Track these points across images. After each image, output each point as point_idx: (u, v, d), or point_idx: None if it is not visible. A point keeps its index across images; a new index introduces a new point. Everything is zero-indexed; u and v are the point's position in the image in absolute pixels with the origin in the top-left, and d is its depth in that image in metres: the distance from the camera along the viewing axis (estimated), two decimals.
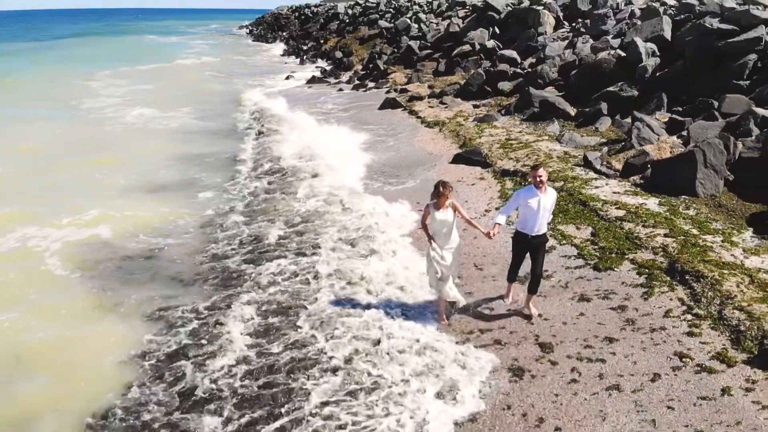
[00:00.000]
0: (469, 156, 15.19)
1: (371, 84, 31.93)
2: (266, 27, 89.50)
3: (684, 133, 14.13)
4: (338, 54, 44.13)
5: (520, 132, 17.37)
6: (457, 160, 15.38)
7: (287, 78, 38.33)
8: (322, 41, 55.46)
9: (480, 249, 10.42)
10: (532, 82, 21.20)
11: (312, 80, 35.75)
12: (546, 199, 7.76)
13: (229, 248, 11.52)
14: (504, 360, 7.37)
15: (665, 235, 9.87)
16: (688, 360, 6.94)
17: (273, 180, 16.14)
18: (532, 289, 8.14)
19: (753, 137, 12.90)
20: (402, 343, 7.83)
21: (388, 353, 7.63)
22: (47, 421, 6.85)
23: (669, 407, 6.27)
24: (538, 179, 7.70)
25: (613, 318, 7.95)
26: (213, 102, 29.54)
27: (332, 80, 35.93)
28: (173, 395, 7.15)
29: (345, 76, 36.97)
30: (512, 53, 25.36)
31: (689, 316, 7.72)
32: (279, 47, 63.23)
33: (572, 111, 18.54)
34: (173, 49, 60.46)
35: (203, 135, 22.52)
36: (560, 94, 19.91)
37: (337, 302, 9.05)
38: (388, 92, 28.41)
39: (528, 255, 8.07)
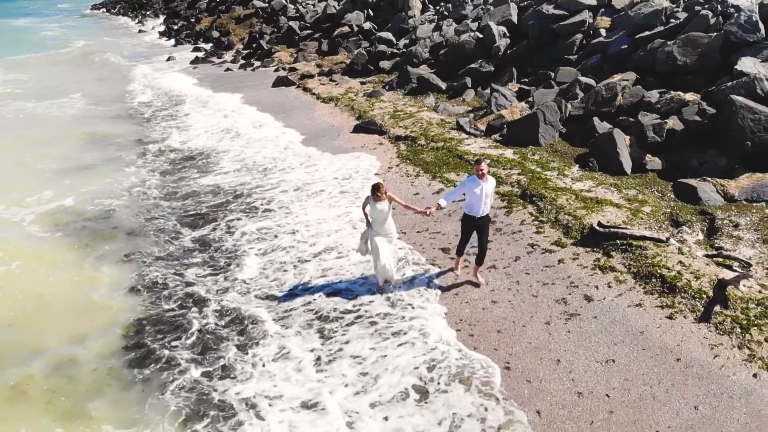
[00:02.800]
0: (367, 126, 18.30)
1: (257, 63, 33.77)
2: (125, 6, 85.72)
3: (530, 99, 18.17)
4: (215, 34, 44.92)
5: (404, 104, 20.75)
6: (357, 130, 18.44)
7: (168, 60, 38.82)
8: (193, 20, 55.40)
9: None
10: (409, 61, 24.62)
11: (196, 61, 36.71)
12: (487, 187, 9.13)
13: (168, 210, 13.94)
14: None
15: (519, 174, 13.67)
16: (537, 247, 10.64)
17: (182, 157, 18.06)
18: (479, 261, 9.68)
19: (578, 99, 17.10)
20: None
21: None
22: (91, 336, 9.09)
23: (526, 273, 9.89)
24: (480, 172, 9.02)
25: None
26: (102, 88, 29.67)
27: (216, 60, 37.11)
28: (172, 306, 9.77)
29: (228, 56, 38.26)
30: (388, 35, 28.65)
31: (536, 222, 11.48)
32: (148, 27, 61.79)
33: (443, 85, 22.19)
34: (30, 34, 57.01)
35: (105, 119, 23.47)
36: (432, 71, 23.49)
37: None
38: (276, 70, 30.63)
39: (475, 233, 9.53)
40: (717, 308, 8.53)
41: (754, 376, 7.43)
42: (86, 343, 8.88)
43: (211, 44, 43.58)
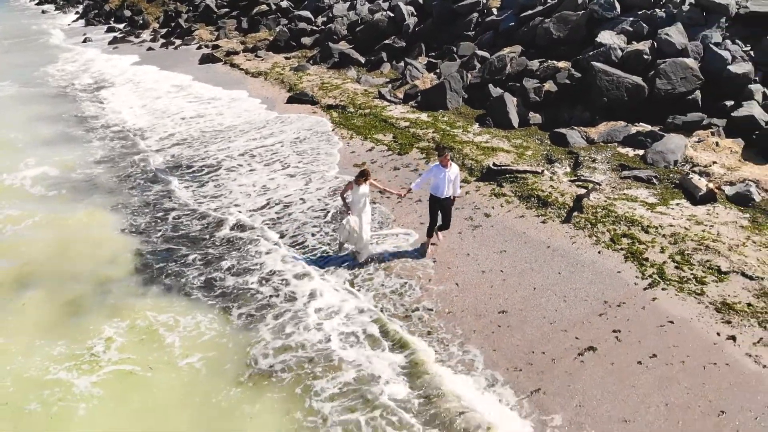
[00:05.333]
0: (299, 97, 21.03)
1: (178, 41, 35.13)
2: None
3: (437, 70, 21.53)
4: (127, 13, 45.24)
5: (329, 77, 23.56)
6: (290, 101, 21.13)
7: (85, 41, 39.16)
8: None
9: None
10: (329, 38, 27.34)
11: (114, 41, 37.42)
12: (450, 173, 10.76)
13: (136, 170, 16.49)
14: None
15: (433, 132, 17.02)
16: None
17: (125, 133, 20.00)
18: (442, 229, 11.42)
19: (476, 69, 20.63)
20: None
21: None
22: (108, 265, 11.57)
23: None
24: (443, 162, 10.72)
25: (412, 174, 14.76)
26: (27, 72, 30.07)
27: (135, 40, 37.97)
28: (163, 240, 12.43)
29: (146, 35, 39.15)
30: (307, 13, 31.09)
31: None
32: (50, 7, 60.10)
33: (362, 59, 25.15)
34: None
35: (43, 99, 24.62)
36: (351, 46, 26.37)
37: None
38: (199, 48, 32.31)
39: (440, 212, 11.15)
40: (575, 214, 12.24)
41: (599, 253, 11.11)
42: (113, 265, 11.46)
43: (124, 24, 43.93)
